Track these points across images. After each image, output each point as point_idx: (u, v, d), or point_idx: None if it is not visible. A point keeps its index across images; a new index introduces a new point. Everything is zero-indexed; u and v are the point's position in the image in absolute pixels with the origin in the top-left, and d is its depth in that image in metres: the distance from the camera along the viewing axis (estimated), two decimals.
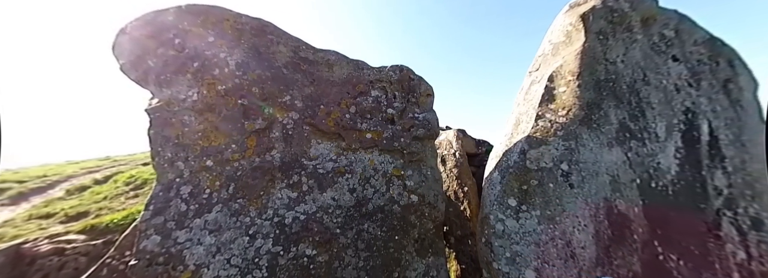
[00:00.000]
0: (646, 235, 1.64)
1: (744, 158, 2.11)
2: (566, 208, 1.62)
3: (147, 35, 1.82)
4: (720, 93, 2.25)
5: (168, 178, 1.62)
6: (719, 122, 2.11)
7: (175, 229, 1.48)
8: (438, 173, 2.06)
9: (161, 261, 1.41)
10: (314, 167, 1.79)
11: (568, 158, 1.73)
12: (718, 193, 1.95)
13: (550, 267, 1.51)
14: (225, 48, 1.85)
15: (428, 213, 1.95)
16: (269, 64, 1.91)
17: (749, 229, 1.96)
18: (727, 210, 1.95)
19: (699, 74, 2.24)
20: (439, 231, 2.02)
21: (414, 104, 2.19)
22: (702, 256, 1.73)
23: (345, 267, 1.64)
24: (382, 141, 1.96)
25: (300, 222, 1.63)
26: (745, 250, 1.89)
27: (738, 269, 1.85)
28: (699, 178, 1.90)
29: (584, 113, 1.86)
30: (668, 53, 2.25)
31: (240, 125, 1.74)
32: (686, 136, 1.96)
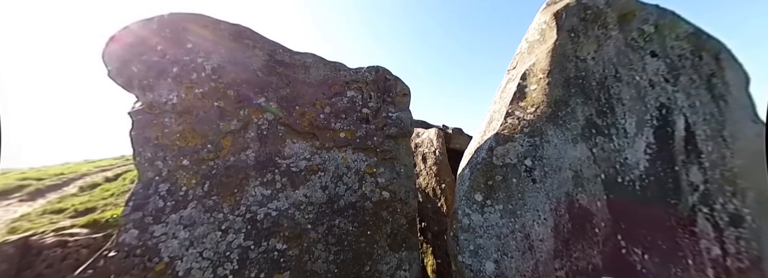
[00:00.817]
0: (608, 229, 1.76)
1: (724, 153, 2.20)
2: (527, 202, 1.76)
3: (133, 43, 2.05)
4: (701, 88, 2.35)
5: (148, 176, 1.83)
6: (697, 117, 2.21)
7: (152, 224, 1.68)
8: (411, 170, 2.22)
9: (138, 253, 1.61)
10: (288, 166, 1.98)
11: (532, 154, 1.87)
12: (693, 189, 2.06)
13: (508, 258, 1.65)
14: (202, 53, 2.06)
15: (400, 209, 2.11)
16: (245, 67, 2.11)
17: (727, 225, 2.05)
18: (703, 206, 2.04)
19: (678, 69, 2.35)
20: (413, 227, 2.17)
21: (389, 104, 2.36)
22: (671, 251, 1.84)
23: (315, 261, 1.81)
24: (356, 140, 2.14)
25: (271, 218, 1.81)
26: (721, 246, 1.98)
27: (712, 264, 1.94)
28: (671, 173, 2.01)
29: (551, 110, 2.00)
30: (646, 49, 2.37)
31: (215, 126, 1.94)
32: (659, 132, 2.08)
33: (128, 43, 2.05)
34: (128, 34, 2.06)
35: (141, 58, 2.04)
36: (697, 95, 2.28)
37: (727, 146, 2.23)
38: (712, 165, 2.11)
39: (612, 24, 2.32)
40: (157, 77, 2.04)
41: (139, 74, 2.03)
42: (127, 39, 2.06)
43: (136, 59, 2.04)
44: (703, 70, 2.43)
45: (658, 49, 2.38)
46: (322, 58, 2.41)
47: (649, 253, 1.78)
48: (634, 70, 2.19)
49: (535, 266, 1.63)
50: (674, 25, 2.51)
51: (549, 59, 2.18)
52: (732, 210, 2.09)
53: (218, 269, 1.65)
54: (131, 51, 2.04)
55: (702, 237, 1.98)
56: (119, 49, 2.04)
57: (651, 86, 2.18)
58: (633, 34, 2.39)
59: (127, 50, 2.04)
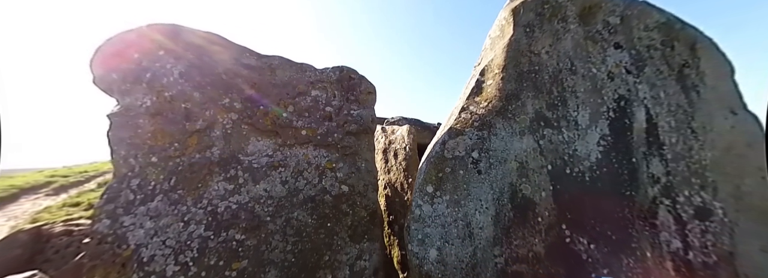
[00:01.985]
0: (553, 218, 1.95)
1: (691, 145, 2.34)
2: (472, 192, 1.98)
3: (114, 53, 2.44)
4: (670, 79, 2.50)
5: (122, 172, 2.17)
6: (661, 108, 2.36)
7: (123, 214, 2.01)
8: (372, 165, 2.48)
9: (109, 241, 1.94)
10: (250, 162, 2.28)
11: (479, 147, 2.10)
12: (654, 181, 2.21)
13: (449, 245, 1.87)
14: (172, 60, 2.42)
15: (360, 202, 2.36)
16: (211, 71, 2.45)
17: (691, 218, 2.19)
18: (665, 198, 2.19)
19: (644, 60, 2.52)
20: (375, 219, 2.42)
21: (353, 102, 2.64)
22: (622, 242, 2.00)
23: (272, 251, 2.09)
24: (317, 137, 2.42)
25: (231, 211, 2.11)
26: (682, 239, 2.12)
27: (672, 257, 2.08)
28: (627, 165, 2.17)
29: (502, 104, 2.22)
30: (610, 41, 2.55)
31: (182, 126, 2.28)
32: (616, 124, 2.25)
33: (110, 53, 2.44)
34: (111, 45, 2.45)
35: (120, 67, 2.42)
36: (663, 85, 2.44)
37: (696, 137, 2.36)
38: (675, 157, 2.26)
39: (572, 17, 2.53)
40: (133, 82, 2.41)
41: (118, 80, 2.40)
42: (109, 49, 2.45)
43: (116, 67, 2.42)
44: (674, 60, 2.58)
45: (624, 40, 2.55)
46: (288, 60, 2.73)
47: (597, 243, 1.95)
48: (592, 62, 2.38)
49: (474, 252, 1.84)
50: (643, 15, 2.68)
51: (504, 55, 2.41)
52: (698, 203, 2.22)
53: (179, 256, 1.95)
54: (112, 60, 2.43)
55: (663, 230, 2.13)
56: (102, 58, 2.43)
57: (610, 78, 2.36)
58: (597, 27, 2.59)
59: (109, 59, 2.43)
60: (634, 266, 1.98)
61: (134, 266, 1.92)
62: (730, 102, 2.60)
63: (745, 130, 2.52)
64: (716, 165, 2.37)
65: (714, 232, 2.18)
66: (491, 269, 1.84)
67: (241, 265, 2.02)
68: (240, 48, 2.64)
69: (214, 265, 1.98)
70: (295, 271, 2.11)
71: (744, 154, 2.50)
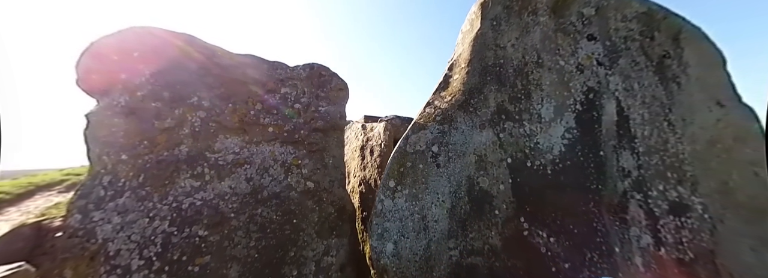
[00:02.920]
0: (510, 211, 2.06)
1: (667, 138, 2.40)
2: (430, 186, 2.12)
3: (96, 55, 2.70)
4: (647, 70, 2.58)
5: (95, 169, 2.40)
6: (634, 100, 2.44)
7: (93, 210, 2.23)
8: (340, 161, 2.65)
9: (80, 235, 2.16)
10: (216, 160, 2.48)
11: (439, 141, 2.23)
12: (624, 175, 2.29)
13: (405, 239, 2.00)
14: (145, 60, 2.66)
15: (326, 198, 2.53)
16: (182, 71, 2.68)
17: (665, 214, 2.25)
18: (637, 193, 2.26)
19: (619, 51, 2.60)
20: (343, 215, 2.57)
21: (322, 99, 2.83)
22: (585, 236, 2.09)
23: (235, 247, 2.27)
24: (283, 134, 2.61)
25: (195, 207, 2.30)
26: (654, 235, 2.18)
27: (642, 253, 2.15)
28: (594, 159, 2.26)
29: (464, 98, 2.36)
30: (584, 33, 2.65)
31: (151, 125, 2.50)
32: (583, 116, 2.34)
33: (92, 56, 2.71)
34: (94, 48, 2.72)
35: (100, 69, 2.68)
36: (638, 77, 2.52)
37: (673, 130, 2.43)
38: (648, 151, 2.33)
39: (542, 10, 2.65)
40: (111, 83, 2.66)
41: (98, 81, 2.66)
42: (92, 52, 2.71)
43: (96, 69, 2.68)
44: (653, 51, 2.66)
45: (598, 31, 2.65)
46: (261, 58, 2.95)
47: (557, 237, 2.05)
48: (560, 55, 2.49)
49: (427, 245, 1.97)
50: (621, 5, 2.77)
51: (470, 49, 2.55)
52: (674, 198, 2.29)
53: (144, 251, 2.15)
54: (93, 63, 2.69)
55: (633, 225, 2.20)
56: (85, 61, 2.69)
57: (579, 71, 2.46)
58: (571, 19, 2.69)
59: (91, 62, 2.69)
60: (599, 261, 2.07)
61: (102, 259, 2.13)
62: (717, 94, 2.64)
63: (732, 123, 2.56)
64: (697, 159, 2.43)
65: (691, 228, 2.23)
66: (445, 262, 1.96)
67: (204, 260, 2.20)
68: (212, 48, 2.87)
69: (177, 260, 2.17)
70: (258, 267, 2.28)
71: (731, 148, 2.54)
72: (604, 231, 2.14)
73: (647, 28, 2.71)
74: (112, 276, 2.10)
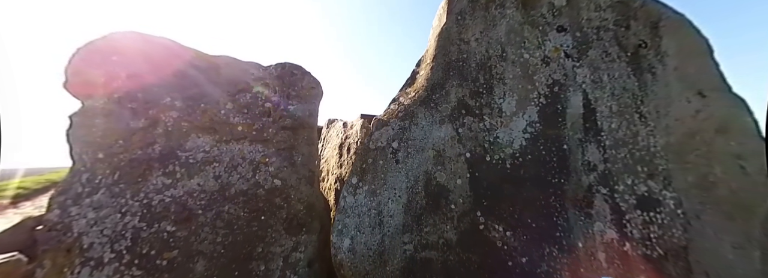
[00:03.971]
0: (467, 205, 2.17)
1: (637, 131, 2.45)
2: (388, 182, 2.25)
3: (83, 59, 2.99)
4: (619, 61, 2.63)
5: (76, 167, 2.66)
6: (602, 93, 2.50)
7: (71, 205, 2.48)
8: (309, 159, 2.82)
9: (58, 228, 2.41)
10: (186, 158, 2.70)
11: (399, 137, 2.37)
12: (590, 168, 2.35)
13: (361, 234, 2.15)
14: (122, 64, 2.91)
15: (294, 195, 2.70)
16: (156, 73, 2.92)
17: (632, 208, 2.30)
18: (602, 187, 2.33)
19: (590, 42, 2.67)
20: (312, 212, 2.74)
21: (293, 97, 3.01)
22: (544, 230, 2.17)
23: (201, 242, 2.47)
24: (252, 133, 2.80)
25: (164, 204, 2.52)
26: (618, 230, 2.24)
27: (605, 249, 2.22)
28: (557, 152, 2.34)
29: (426, 94, 2.49)
30: (554, 24, 2.73)
31: (126, 125, 2.75)
32: (546, 110, 2.43)
33: (78, 61, 2.99)
34: (83, 51, 3.01)
35: (84, 73, 2.96)
36: (608, 69, 2.58)
37: (645, 123, 2.48)
38: (615, 144, 2.39)
39: (510, 3, 2.74)
40: (93, 86, 2.93)
41: (81, 85, 2.94)
42: (81, 55, 3.01)
43: (81, 74, 2.96)
44: (628, 41, 2.71)
45: (569, 22, 2.72)
46: (236, 59, 3.16)
47: (514, 231, 2.14)
48: (526, 48, 2.58)
49: (382, 240, 2.11)
50: None
51: (436, 44, 2.68)
52: (642, 192, 2.34)
53: (115, 245, 2.38)
54: (79, 67, 2.97)
55: (597, 220, 2.27)
56: (72, 66, 2.99)
57: (545, 63, 2.55)
58: (542, 10, 2.78)
59: (77, 67, 2.97)
60: (559, 255, 2.15)
61: (77, 252, 2.37)
62: (698, 84, 2.67)
63: (714, 114, 2.58)
64: (672, 153, 2.47)
65: (661, 224, 2.28)
66: (399, 256, 2.09)
67: (171, 255, 2.41)
68: (188, 50, 3.11)
69: (146, 254, 2.38)
70: (225, 262, 2.47)
71: (713, 141, 2.56)
72: (566, 225, 2.22)
73: (623, 17, 2.76)
74: (85, 267, 2.33)
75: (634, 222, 2.25)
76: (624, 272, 2.16)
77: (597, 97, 2.48)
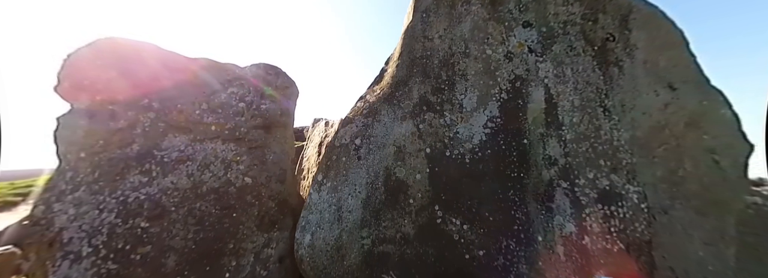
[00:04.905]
0: (425, 200, 2.28)
1: (600, 125, 2.52)
2: (349, 178, 2.39)
3: (71, 64, 3.23)
4: (585, 55, 2.70)
5: (62, 166, 2.89)
6: (565, 87, 2.58)
7: (55, 202, 2.70)
8: (281, 157, 2.98)
9: (42, 224, 2.63)
10: (162, 157, 2.89)
11: (362, 134, 2.50)
12: (551, 163, 2.43)
13: (320, 230, 2.29)
14: (105, 67, 3.14)
15: (265, 193, 2.86)
16: (136, 76, 3.13)
17: (593, 202, 2.37)
18: (563, 181, 2.41)
19: (555, 37, 2.75)
20: (285, 208, 2.90)
21: (267, 97, 3.18)
22: (502, 224, 2.26)
23: (173, 238, 2.65)
24: (225, 132, 2.98)
25: (139, 201, 2.71)
26: (578, 224, 2.31)
27: (563, 242, 2.29)
28: (517, 147, 2.43)
29: (390, 91, 2.61)
30: (520, 19, 2.82)
31: (106, 126, 2.96)
32: (507, 105, 2.52)
33: (68, 65, 3.24)
34: (70, 58, 3.26)
35: (72, 77, 3.20)
36: (572, 63, 2.65)
37: (609, 117, 2.54)
38: (577, 138, 2.46)
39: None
40: (79, 90, 3.17)
41: (70, 88, 3.18)
42: (69, 62, 3.25)
43: (70, 77, 3.20)
44: (596, 34, 2.78)
45: (535, 17, 2.81)
46: (213, 61, 3.36)
47: (471, 224, 2.24)
48: (489, 44, 2.68)
49: (340, 235, 2.24)
50: None
51: (401, 42, 2.81)
52: (604, 186, 2.40)
53: (92, 239, 2.58)
54: (69, 71, 3.22)
55: (557, 214, 2.35)
56: (63, 70, 3.24)
57: (508, 59, 2.64)
58: (509, 6, 2.87)
59: (67, 71, 3.22)
60: (516, 248, 2.24)
61: (58, 246, 2.58)
62: (670, 76, 2.72)
63: (684, 107, 2.64)
64: (638, 146, 2.53)
65: (622, 218, 2.34)
66: (357, 250, 2.22)
67: (145, 250, 2.60)
68: (167, 53, 3.32)
69: (121, 249, 2.58)
70: (195, 257, 2.64)
71: (683, 134, 2.62)
72: (525, 219, 2.31)
73: (591, 11, 2.83)
74: (65, 261, 2.54)
75: (594, 215, 2.32)
76: (582, 265, 2.23)
77: (559, 91, 2.56)
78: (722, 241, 2.56)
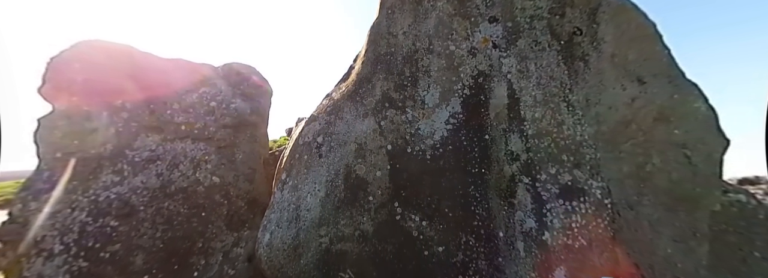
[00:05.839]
0: (385, 197, 2.35)
1: (562, 120, 2.56)
2: (310, 176, 2.48)
3: (53, 67, 3.41)
4: (549, 50, 2.74)
5: (40, 166, 3.05)
6: (527, 82, 2.62)
7: (31, 200, 2.85)
8: (251, 156, 3.09)
9: (19, 222, 2.78)
10: (133, 157, 3.03)
11: (324, 131, 2.59)
12: (513, 158, 2.48)
13: (279, 229, 2.38)
14: (81, 69, 3.30)
15: (234, 193, 2.97)
16: (112, 77, 3.28)
17: (554, 198, 2.41)
18: (525, 176, 2.45)
19: (520, 32, 2.79)
20: (255, 208, 3.01)
21: (238, 96, 3.30)
22: (461, 219, 2.32)
23: (141, 237, 2.77)
24: (194, 131, 3.10)
25: (109, 200, 2.85)
26: (538, 219, 2.35)
27: (524, 238, 2.34)
28: (478, 143, 2.48)
29: (354, 88, 2.70)
30: (486, 15, 2.88)
31: (81, 126, 3.11)
32: (469, 101, 2.58)
33: (51, 68, 3.42)
34: (53, 61, 3.43)
35: (54, 78, 3.38)
36: (536, 58, 2.69)
37: (572, 111, 2.58)
38: (538, 133, 2.51)
39: None
40: (58, 91, 3.34)
41: (51, 90, 3.34)
42: (52, 64, 3.43)
43: (51, 79, 3.38)
44: (563, 29, 2.81)
45: (501, 13, 2.86)
46: (187, 61, 3.49)
47: (430, 220, 2.31)
48: (452, 40, 2.74)
49: (297, 234, 2.33)
50: None
51: (367, 39, 2.89)
52: (566, 181, 2.44)
53: (64, 237, 2.72)
54: (50, 74, 3.39)
55: (519, 209, 2.40)
56: (46, 72, 3.41)
57: (471, 55, 2.70)
58: (476, 1, 2.93)
59: (49, 73, 3.40)
60: (476, 244, 2.30)
61: (32, 243, 2.72)
62: (639, 70, 2.74)
63: (653, 101, 2.66)
64: (603, 141, 2.56)
65: (584, 214, 2.38)
66: (314, 249, 2.31)
67: (114, 248, 2.73)
68: (143, 55, 3.46)
69: (91, 247, 2.71)
70: (163, 256, 2.76)
71: (651, 129, 2.64)
72: (485, 214, 2.36)
73: (558, 5, 2.87)
74: (39, 258, 2.68)
75: (554, 211, 2.36)
76: (542, 261, 2.28)
77: (522, 87, 2.60)
78: (693, 238, 2.57)
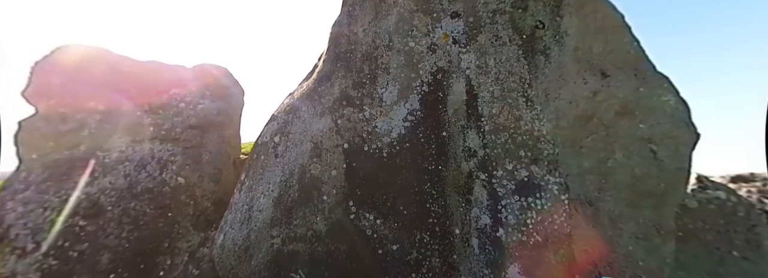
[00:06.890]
0: (340, 196, 2.44)
1: (520, 115, 2.59)
2: (265, 176, 2.58)
3: (38, 70, 3.62)
4: (509, 44, 2.77)
5: (19, 167, 3.24)
6: (486, 78, 2.67)
7: (8, 200, 3.04)
8: (217, 157, 3.22)
9: None
10: (104, 158, 3.19)
11: (281, 131, 2.69)
12: (470, 155, 2.54)
13: (232, 230, 2.49)
14: (59, 72, 3.49)
15: (199, 193, 3.10)
16: (86, 80, 3.46)
17: (510, 194, 2.46)
18: (482, 173, 2.50)
19: (481, 26, 2.84)
20: (222, 208, 3.12)
21: (207, 97, 3.43)
22: (416, 217, 2.38)
23: (107, 236, 2.93)
24: (161, 132, 3.25)
25: (78, 200, 3.01)
26: (492, 215, 2.40)
27: (478, 234, 2.39)
28: (436, 139, 2.54)
29: (313, 87, 2.79)
30: (448, 10, 2.93)
31: (56, 128, 3.29)
32: (428, 97, 2.63)
33: (35, 71, 3.63)
34: (37, 65, 3.65)
35: (37, 81, 3.58)
36: (496, 53, 2.73)
37: (530, 106, 2.61)
38: (495, 129, 2.55)
39: None
40: (39, 94, 3.54)
41: (33, 93, 3.55)
42: (36, 68, 3.64)
43: (34, 83, 3.58)
44: (524, 22, 2.84)
45: (463, 7, 2.91)
46: (163, 63, 3.66)
47: (385, 219, 2.38)
48: (413, 36, 2.80)
49: (248, 235, 2.43)
50: None
51: (329, 37, 2.98)
52: (523, 177, 2.48)
53: (36, 236, 2.89)
54: (34, 77, 3.60)
55: (475, 206, 2.45)
56: (30, 76, 3.62)
57: (431, 51, 2.76)
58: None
59: (32, 77, 3.61)
60: (430, 242, 2.36)
61: (7, 241, 2.90)
62: (603, 63, 2.74)
63: (616, 95, 2.67)
64: (562, 137, 2.58)
65: (539, 210, 2.41)
66: (266, 250, 2.41)
67: (82, 247, 2.89)
68: (119, 57, 3.64)
69: (60, 246, 2.88)
70: (129, 255, 2.91)
71: (613, 123, 2.65)
72: (441, 212, 2.43)
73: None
74: (13, 256, 2.87)
75: (510, 207, 2.41)
76: (495, 258, 2.33)
77: (480, 82, 2.65)
78: (657, 235, 2.58)
